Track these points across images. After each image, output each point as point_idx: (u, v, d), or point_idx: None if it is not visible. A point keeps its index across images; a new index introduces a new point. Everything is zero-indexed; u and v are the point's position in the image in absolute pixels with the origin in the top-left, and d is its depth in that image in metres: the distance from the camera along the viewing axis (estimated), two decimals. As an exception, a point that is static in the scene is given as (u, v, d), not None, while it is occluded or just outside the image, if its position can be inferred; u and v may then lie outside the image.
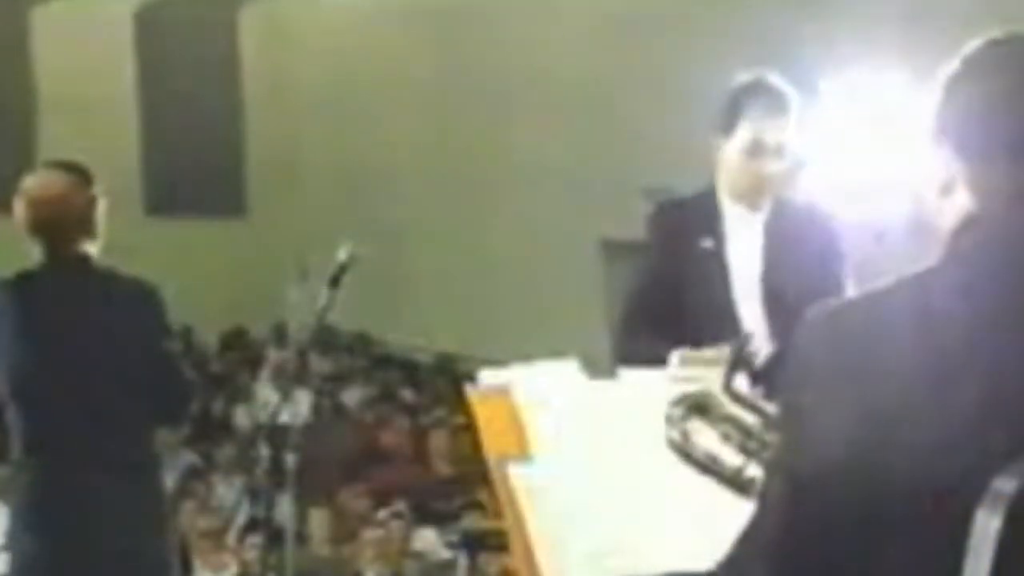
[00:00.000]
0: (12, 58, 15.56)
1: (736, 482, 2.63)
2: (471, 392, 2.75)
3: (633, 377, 2.88)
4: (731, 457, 2.66)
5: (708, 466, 2.66)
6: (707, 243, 3.94)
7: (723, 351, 3.44)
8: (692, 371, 3.52)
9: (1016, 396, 1.71)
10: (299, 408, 5.14)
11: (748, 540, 1.84)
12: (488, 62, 14.74)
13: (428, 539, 8.21)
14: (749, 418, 2.70)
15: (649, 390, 2.77)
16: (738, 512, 1.89)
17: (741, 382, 2.83)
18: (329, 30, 16.06)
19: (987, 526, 1.60)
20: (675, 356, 3.63)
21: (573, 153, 13.87)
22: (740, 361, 2.93)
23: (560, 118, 14.05)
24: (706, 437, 2.70)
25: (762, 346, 3.62)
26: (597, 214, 13.21)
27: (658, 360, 3.63)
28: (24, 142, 14.50)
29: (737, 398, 2.74)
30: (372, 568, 7.71)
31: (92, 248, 4.43)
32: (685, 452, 2.68)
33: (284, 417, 5.01)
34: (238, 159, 16.97)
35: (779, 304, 3.83)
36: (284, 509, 5.44)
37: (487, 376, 2.77)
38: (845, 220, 4.35)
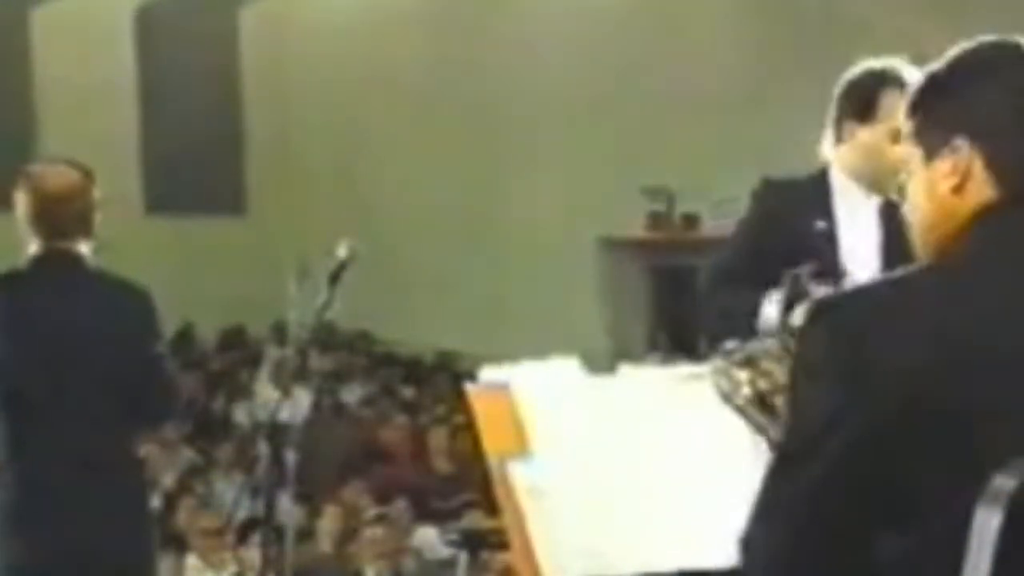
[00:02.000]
0: (12, 58, 15.55)
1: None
2: (471, 390, 2.75)
3: (632, 374, 2.88)
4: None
5: (756, 413, 2.54)
6: (820, 224, 3.95)
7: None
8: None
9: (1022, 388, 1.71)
10: (299, 406, 5.13)
11: (764, 513, 1.84)
12: (488, 61, 14.75)
13: (428, 537, 8.21)
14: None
15: (649, 387, 2.77)
16: (738, 509, 1.89)
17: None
18: (329, 29, 16.05)
19: (987, 523, 1.60)
20: (771, 295, 3.59)
21: (573, 152, 13.88)
22: (798, 296, 2.89)
23: (560, 117, 14.05)
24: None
25: None
26: (597, 213, 13.21)
27: (749, 309, 3.60)
28: (24, 141, 14.48)
29: (795, 335, 2.65)
30: (372, 566, 7.71)
31: (86, 248, 4.41)
32: (731, 400, 2.59)
33: (284, 415, 5.00)
34: (238, 157, 16.96)
35: None
36: (284, 507, 5.44)
37: (487, 374, 2.77)
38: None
